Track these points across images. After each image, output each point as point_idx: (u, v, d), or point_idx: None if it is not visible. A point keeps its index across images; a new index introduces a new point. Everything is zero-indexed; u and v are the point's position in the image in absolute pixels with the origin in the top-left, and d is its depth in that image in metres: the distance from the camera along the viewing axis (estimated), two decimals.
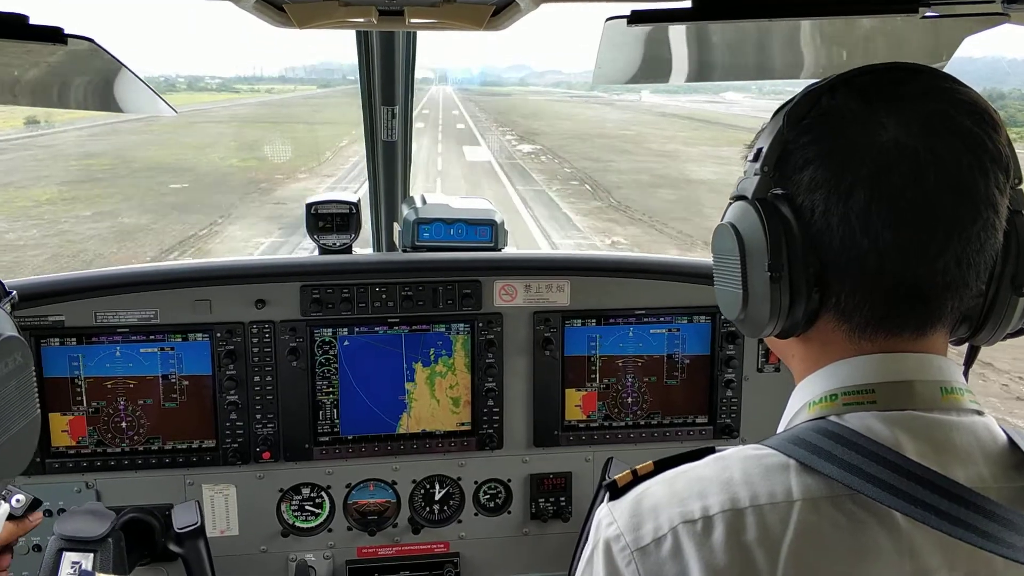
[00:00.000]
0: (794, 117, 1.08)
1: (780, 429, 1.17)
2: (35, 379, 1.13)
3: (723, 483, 1.03)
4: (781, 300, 1.08)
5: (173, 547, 2.17)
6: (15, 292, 1.22)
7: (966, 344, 1.18)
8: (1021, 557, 0.91)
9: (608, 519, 1.09)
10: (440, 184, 23.14)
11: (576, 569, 1.17)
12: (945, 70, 1.26)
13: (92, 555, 1.99)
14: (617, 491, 1.12)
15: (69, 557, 1.95)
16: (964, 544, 0.93)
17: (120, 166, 27.55)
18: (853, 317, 1.06)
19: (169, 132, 36.74)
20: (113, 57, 1.24)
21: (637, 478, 1.12)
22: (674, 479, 1.09)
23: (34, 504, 1.86)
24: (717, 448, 1.13)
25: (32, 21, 1.11)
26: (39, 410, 1.14)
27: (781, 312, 1.08)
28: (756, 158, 1.12)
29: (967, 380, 1.13)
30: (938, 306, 1.04)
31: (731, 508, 1.00)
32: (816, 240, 1.05)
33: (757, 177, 1.11)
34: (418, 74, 2.77)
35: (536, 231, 17.62)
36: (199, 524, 2.12)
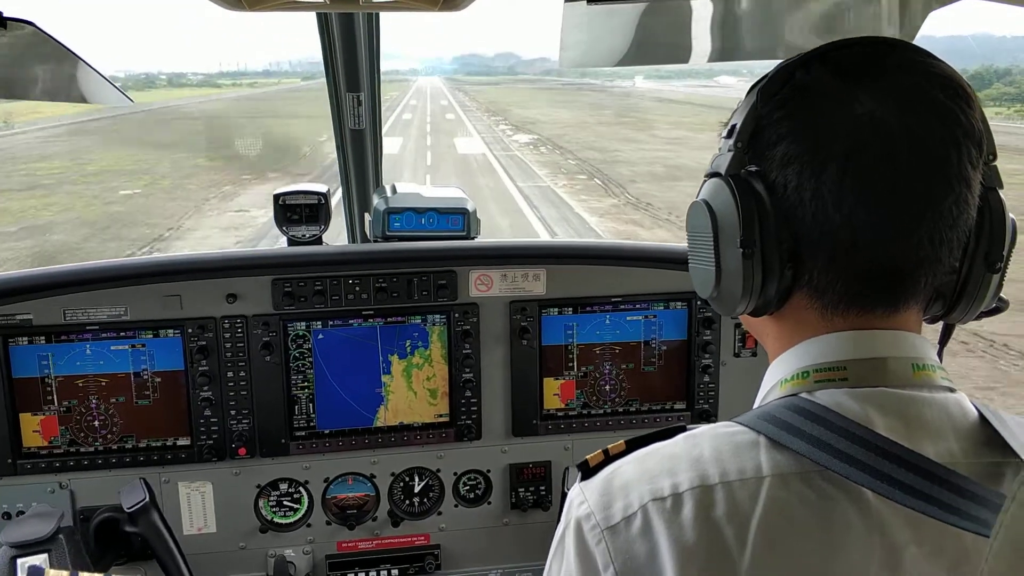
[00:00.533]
0: (767, 92, 1.07)
1: (754, 407, 1.16)
2: None
3: (693, 460, 1.03)
4: (754, 277, 1.07)
5: (128, 528, 2.15)
6: None
7: (940, 323, 1.18)
8: (989, 532, 0.91)
9: (579, 499, 1.08)
10: (429, 181, 21.13)
11: (549, 551, 1.16)
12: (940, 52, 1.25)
13: (47, 555, 1.97)
14: (589, 471, 1.12)
15: (24, 563, 1.93)
16: (932, 519, 0.92)
17: (72, 170, 25.26)
18: (826, 294, 1.05)
19: (139, 130, 34.57)
20: (57, 42, 1.21)
21: (608, 457, 1.12)
22: (645, 457, 1.08)
23: None
24: (689, 426, 1.12)
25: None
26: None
27: (754, 289, 1.08)
28: (730, 134, 1.11)
29: (941, 359, 1.12)
30: (911, 283, 1.04)
31: (700, 484, 1.00)
32: (789, 216, 1.04)
33: (730, 153, 1.10)
34: (404, 65, 2.70)
35: (546, 237, 15.43)
36: (146, 499, 2.10)
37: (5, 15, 1.11)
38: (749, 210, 1.05)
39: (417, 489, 2.48)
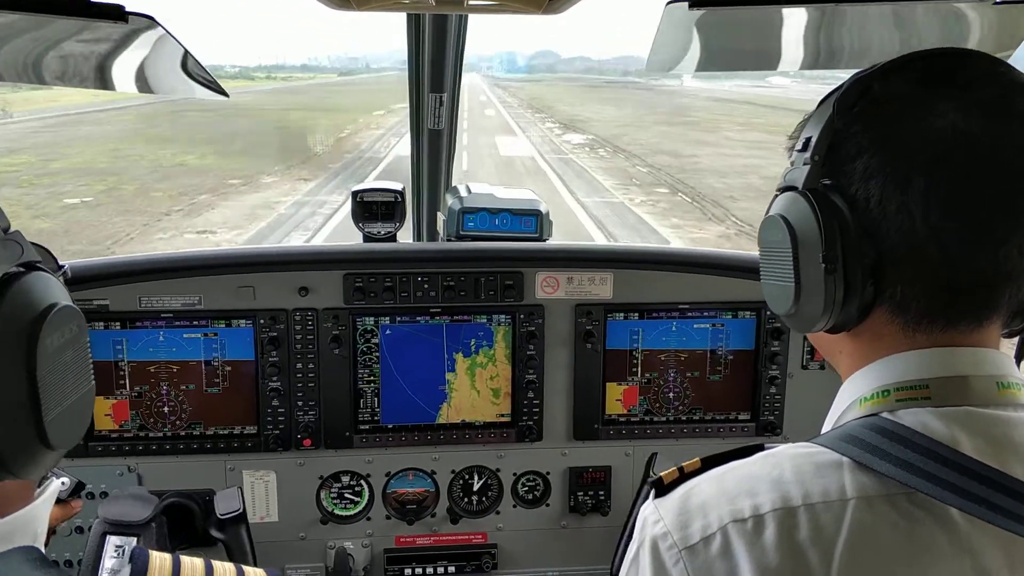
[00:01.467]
0: (844, 105, 1.05)
1: (827, 426, 1.14)
2: (90, 350, 1.12)
3: (774, 481, 1.01)
4: (835, 293, 1.04)
5: (215, 533, 2.17)
6: (67, 266, 1.22)
7: (1016, 337, 1.15)
8: None
9: (654, 517, 1.06)
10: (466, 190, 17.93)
11: (620, 568, 1.15)
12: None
13: (135, 539, 1.99)
14: (663, 488, 1.09)
15: (113, 541, 1.95)
16: None
17: (33, 167, 21.54)
18: (909, 310, 1.03)
19: (142, 123, 31.84)
20: (173, 38, 1.23)
21: (684, 475, 1.10)
22: (722, 476, 1.06)
23: (78, 487, 1.86)
24: (766, 445, 1.10)
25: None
26: (93, 382, 1.13)
27: (835, 306, 1.05)
28: (805, 147, 1.09)
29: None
30: (996, 297, 1.01)
31: (783, 507, 0.98)
32: (871, 230, 1.02)
33: (807, 167, 1.08)
34: None
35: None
36: (241, 510, 2.12)
37: (127, 9, 1.12)
38: (831, 224, 1.03)
39: (476, 487, 2.48)
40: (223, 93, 1.65)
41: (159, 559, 0.89)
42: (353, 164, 23.33)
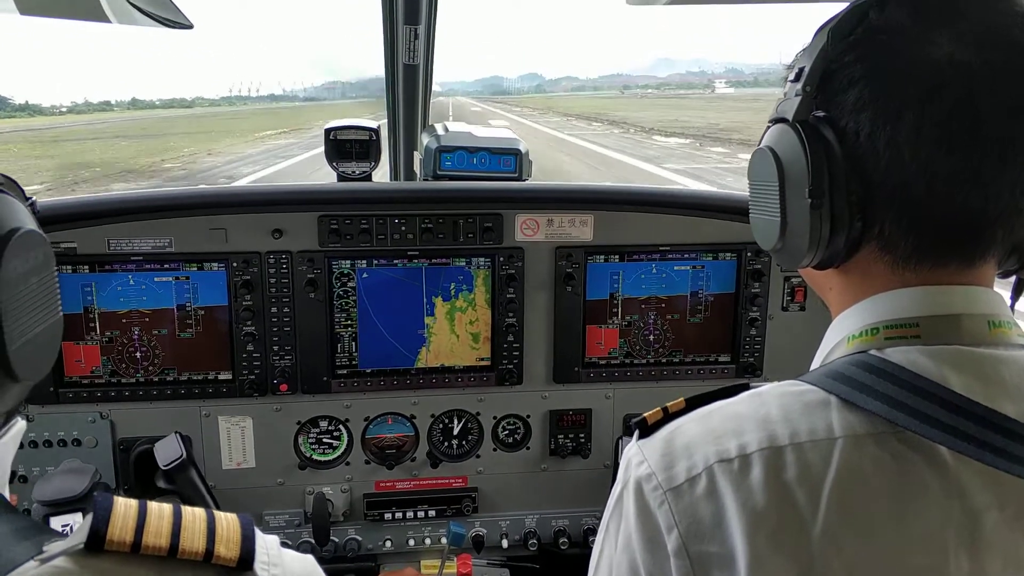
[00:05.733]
0: (839, 34, 1.01)
1: (815, 364, 1.12)
2: (57, 279, 1.06)
3: (760, 420, 0.99)
4: (822, 228, 1.02)
5: (163, 485, 2.14)
6: (35, 199, 1.15)
7: (1012, 277, 1.13)
8: None
9: (638, 458, 1.04)
10: None
11: (605, 510, 1.13)
12: None
13: (80, 514, 1.90)
14: (647, 429, 1.07)
15: (56, 523, 1.88)
16: (1015, 479, 0.88)
17: None
18: (897, 247, 1.00)
19: None
20: None
21: (668, 416, 1.08)
22: (708, 416, 1.04)
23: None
24: (752, 384, 1.08)
25: None
26: (61, 313, 1.07)
27: (821, 241, 1.03)
28: (797, 78, 1.05)
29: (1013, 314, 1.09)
30: (989, 235, 0.99)
31: (769, 446, 0.96)
32: (860, 165, 0.99)
33: (798, 98, 1.05)
34: None
35: None
36: (183, 456, 2.09)
37: None
38: (819, 158, 1.00)
39: (456, 431, 2.47)
40: (188, 26, 1.57)
41: (123, 505, 0.85)
42: None
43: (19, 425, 1.19)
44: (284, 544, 0.98)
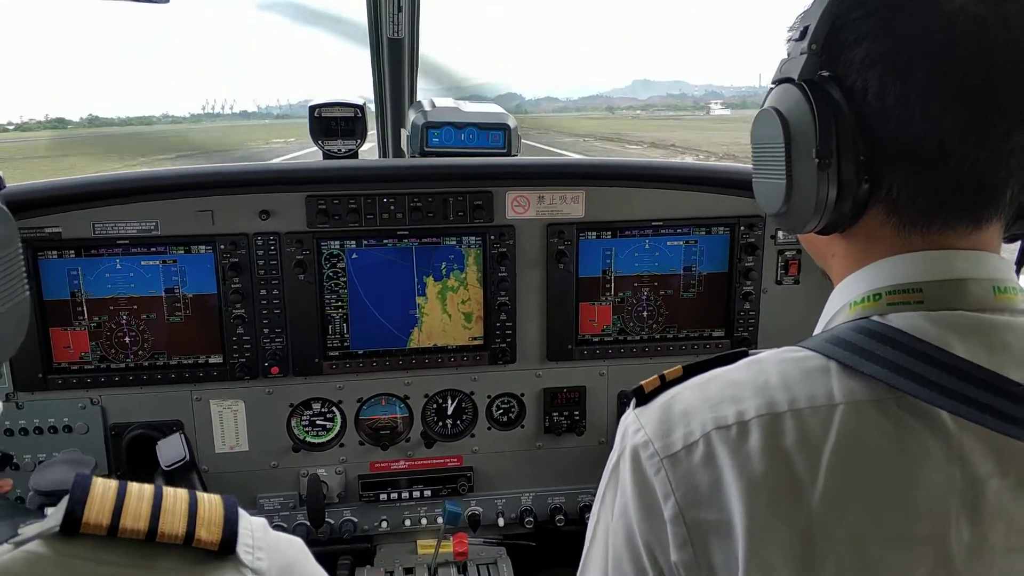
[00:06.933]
0: None
1: (817, 331, 1.10)
2: (22, 257, 1.03)
3: (759, 387, 0.97)
4: (828, 191, 1.00)
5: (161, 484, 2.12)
6: (1, 176, 1.12)
7: (1018, 242, 1.11)
8: None
9: (635, 425, 1.03)
10: None
11: (601, 479, 1.12)
12: None
13: None
14: (644, 397, 1.06)
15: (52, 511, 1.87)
16: (1020, 446, 0.87)
17: None
18: (904, 209, 0.98)
19: None
20: None
21: (665, 383, 1.06)
22: (705, 383, 1.03)
23: (2, 460, 1.74)
24: (750, 351, 1.07)
25: None
26: (27, 293, 1.04)
27: (828, 204, 1.00)
28: (802, 36, 1.02)
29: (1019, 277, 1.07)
30: (998, 197, 0.96)
31: (768, 412, 0.94)
32: (868, 124, 0.96)
33: (803, 57, 1.02)
34: None
35: None
36: (186, 457, 2.07)
37: None
38: (826, 117, 0.98)
39: (450, 411, 2.46)
40: (164, 1, 1.54)
41: (102, 485, 0.82)
42: None
43: None
44: (278, 527, 0.96)
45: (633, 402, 1.07)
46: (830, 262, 1.14)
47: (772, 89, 1.11)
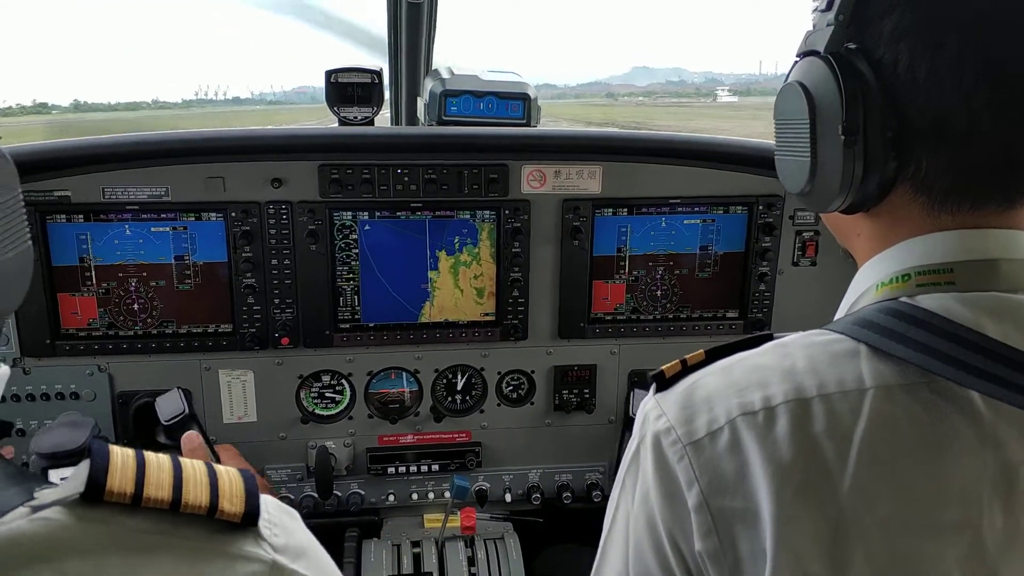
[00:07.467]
0: None
1: (840, 315, 1.08)
2: (23, 205, 0.99)
3: (785, 371, 0.95)
4: (855, 167, 0.96)
5: (164, 440, 2.10)
6: None
7: None
8: None
9: (656, 412, 1.00)
10: None
11: (620, 466, 1.10)
12: None
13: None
14: (664, 382, 1.03)
15: (56, 475, 1.85)
16: None
17: None
18: (933, 187, 0.95)
19: None
20: None
21: (687, 368, 1.03)
22: (729, 368, 1.00)
23: (3, 429, 1.72)
24: (775, 335, 1.04)
25: None
26: (30, 243, 1.00)
27: (854, 181, 0.97)
28: (828, 7, 0.99)
29: None
30: None
31: (796, 398, 0.92)
32: (897, 98, 0.93)
33: (830, 28, 0.98)
34: None
35: None
36: (185, 411, 2.05)
37: None
38: (853, 92, 0.94)
39: (460, 386, 2.44)
40: None
41: (121, 455, 0.80)
42: None
43: (2, 370, 1.14)
44: (285, 498, 0.95)
45: (653, 387, 1.05)
46: (854, 242, 1.11)
47: (797, 62, 1.07)
